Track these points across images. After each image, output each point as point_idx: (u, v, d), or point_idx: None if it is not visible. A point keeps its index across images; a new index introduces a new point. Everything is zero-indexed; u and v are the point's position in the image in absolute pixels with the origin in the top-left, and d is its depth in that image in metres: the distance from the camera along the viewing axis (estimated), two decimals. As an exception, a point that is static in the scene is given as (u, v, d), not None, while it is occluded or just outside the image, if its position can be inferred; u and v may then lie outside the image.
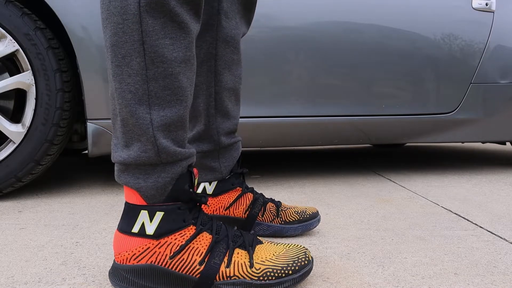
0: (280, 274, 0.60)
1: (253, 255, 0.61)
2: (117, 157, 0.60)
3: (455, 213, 1.07)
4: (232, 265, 0.59)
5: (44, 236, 0.89)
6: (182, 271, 0.58)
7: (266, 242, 0.66)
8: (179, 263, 0.58)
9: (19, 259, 0.76)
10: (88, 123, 1.27)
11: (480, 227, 0.95)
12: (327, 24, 1.42)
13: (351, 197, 1.26)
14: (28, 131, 1.20)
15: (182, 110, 0.59)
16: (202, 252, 0.59)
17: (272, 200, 0.88)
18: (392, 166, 1.93)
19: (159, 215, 0.59)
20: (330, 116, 1.47)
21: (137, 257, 0.59)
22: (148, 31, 0.54)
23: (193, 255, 0.59)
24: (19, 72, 1.23)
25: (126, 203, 0.61)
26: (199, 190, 0.86)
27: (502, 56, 1.59)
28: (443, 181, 1.53)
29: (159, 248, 0.59)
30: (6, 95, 1.26)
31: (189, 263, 0.59)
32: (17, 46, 1.18)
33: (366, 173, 1.72)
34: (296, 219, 0.85)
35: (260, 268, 0.60)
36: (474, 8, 1.56)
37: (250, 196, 0.86)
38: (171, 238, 0.59)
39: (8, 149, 1.21)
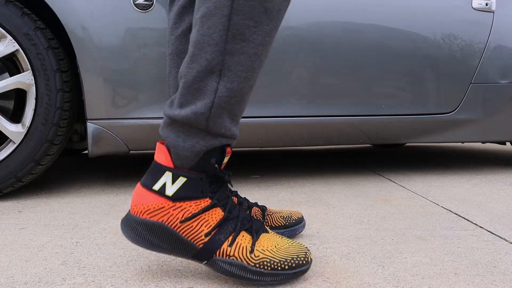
0: (275, 266, 0.62)
1: (256, 242, 0.64)
2: (168, 111, 0.63)
3: (455, 213, 1.07)
4: (234, 246, 0.62)
5: (44, 236, 0.89)
6: (187, 237, 0.62)
7: (272, 232, 0.68)
8: (187, 229, 0.62)
9: (19, 259, 0.76)
10: (88, 123, 1.27)
11: (480, 227, 0.95)
12: (327, 24, 1.42)
13: (351, 197, 1.26)
14: (28, 131, 1.20)
15: (247, 88, 0.63)
16: (211, 225, 0.62)
17: (257, 205, 0.87)
18: (392, 166, 1.93)
19: (181, 180, 0.62)
20: (330, 116, 1.47)
21: (151, 212, 0.62)
22: (237, 10, 0.58)
23: (201, 225, 0.62)
24: (19, 72, 1.23)
25: (154, 162, 0.64)
26: None
27: (502, 56, 1.59)
28: (443, 181, 1.53)
29: (173, 210, 0.62)
30: (6, 95, 1.27)
31: (196, 231, 0.62)
32: (17, 46, 1.18)
33: (366, 173, 1.72)
34: (282, 224, 0.85)
35: (259, 256, 0.62)
36: (474, 8, 1.56)
37: (234, 200, 0.85)
38: (187, 204, 0.62)
39: (8, 149, 1.21)
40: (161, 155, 0.63)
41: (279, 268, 0.62)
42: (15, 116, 1.28)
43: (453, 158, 2.27)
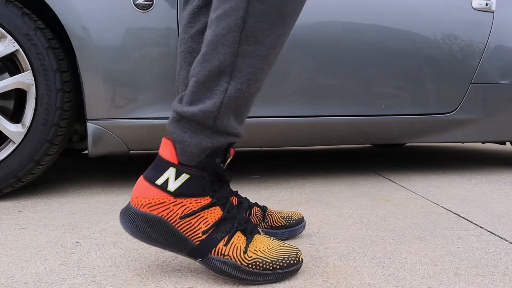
0: (267, 266, 0.63)
1: (250, 243, 0.65)
2: (177, 107, 0.64)
3: (455, 213, 1.07)
4: (229, 245, 0.64)
5: (44, 236, 0.89)
6: (185, 233, 0.63)
7: (263, 235, 0.69)
8: (186, 226, 0.63)
9: (19, 259, 0.76)
10: (88, 123, 1.27)
11: (480, 227, 0.95)
12: (327, 24, 1.42)
13: (351, 197, 1.26)
14: (28, 131, 1.20)
15: (254, 90, 0.64)
16: (209, 223, 0.64)
17: (257, 205, 0.87)
18: (392, 166, 1.93)
19: (184, 177, 0.63)
20: (330, 116, 1.47)
21: (152, 206, 0.63)
22: (252, 13, 0.59)
23: (200, 223, 0.64)
24: (19, 72, 1.23)
25: (159, 156, 0.65)
26: None
27: (502, 56, 1.59)
28: (443, 181, 1.53)
29: (173, 206, 0.63)
30: (6, 95, 1.26)
31: (194, 228, 0.63)
32: (17, 46, 1.18)
33: (366, 173, 1.72)
34: (282, 224, 0.85)
35: (252, 256, 0.64)
36: (474, 8, 1.56)
37: (234, 200, 0.84)
38: (187, 201, 0.63)
39: (8, 149, 1.21)
40: (166, 150, 0.65)
41: (271, 268, 0.64)
42: (15, 116, 1.28)
43: (453, 158, 2.27)
